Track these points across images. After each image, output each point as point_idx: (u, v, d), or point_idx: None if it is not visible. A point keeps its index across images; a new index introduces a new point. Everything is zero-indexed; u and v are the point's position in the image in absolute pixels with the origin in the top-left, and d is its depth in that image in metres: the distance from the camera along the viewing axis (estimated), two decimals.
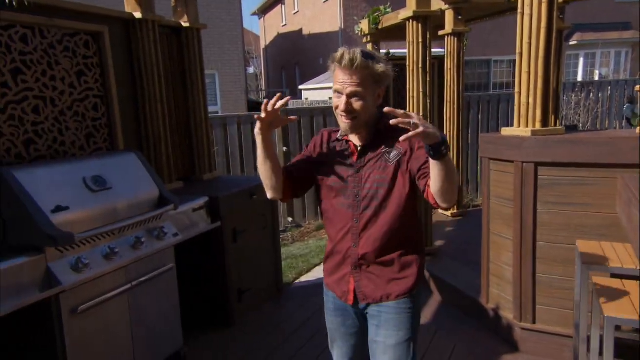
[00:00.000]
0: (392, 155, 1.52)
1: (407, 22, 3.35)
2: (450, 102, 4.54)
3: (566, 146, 2.27)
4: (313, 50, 17.70)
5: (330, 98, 14.28)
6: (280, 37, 21.93)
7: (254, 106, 14.79)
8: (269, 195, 1.63)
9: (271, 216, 3.37)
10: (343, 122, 1.49)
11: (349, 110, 1.46)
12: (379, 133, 1.55)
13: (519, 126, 2.42)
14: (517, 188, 2.41)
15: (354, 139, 1.58)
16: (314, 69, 16.82)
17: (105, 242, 2.03)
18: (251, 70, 24.12)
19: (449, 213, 4.73)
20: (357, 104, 1.46)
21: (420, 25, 3.29)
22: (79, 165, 2.14)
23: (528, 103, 2.36)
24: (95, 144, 2.59)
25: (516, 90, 2.41)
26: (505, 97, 7.16)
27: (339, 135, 1.60)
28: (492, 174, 2.59)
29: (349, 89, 1.45)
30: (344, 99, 1.46)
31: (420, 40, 3.29)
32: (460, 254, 3.64)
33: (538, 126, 2.35)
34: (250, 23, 54.88)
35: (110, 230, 2.04)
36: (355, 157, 1.56)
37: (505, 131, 2.52)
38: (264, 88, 23.59)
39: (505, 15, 4.40)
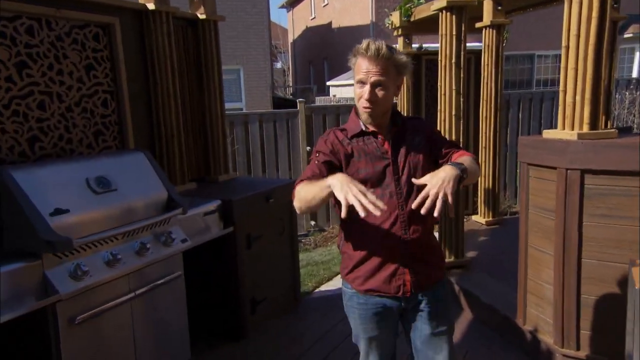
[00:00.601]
0: (417, 139, 1.66)
1: (441, 13, 3.20)
2: (487, 100, 4.35)
3: (618, 151, 2.10)
4: (342, 45, 17.59)
5: None
6: (308, 30, 21.93)
7: (280, 103, 14.81)
8: (301, 213, 1.68)
9: (289, 221, 3.29)
10: (364, 111, 1.59)
11: (373, 100, 1.56)
12: (400, 121, 1.68)
13: (564, 128, 2.25)
14: (559, 198, 2.25)
15: (377, 129, 1.64)
16: (343, 64, 16.65)
17: (107, 248, 1.99)
18: (279, 65, 24.23)
19: (483, 220, 4.54)
20: (380, 93, 1.55)
21: (454, 16, 3.14)
22: (83, 165, 2.11)
23: (574, 102, 2.19)
24: (104, 142, 2.57)
25: (561, 88, 2.25)
26: (549, 95, 6.88)
27: (362, 128, 1.63)
28: (532, 181, 2.43)
29: (374, 78, 1.54)
30: (367, 87, 1.55)
31: (454, 33, 3.14)
32: (494, 267, 3.46)
33: (585, 128, 2.18)
34: (278, 16, 55.27)
35: (113, 235, 2.00)
36: (387, 146, 1.63)
37: (548, 133, 2.35)
38: (291, 84, 23.67)
39: (550, 6, 4.18)
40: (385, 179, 1.60)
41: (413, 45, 5.59)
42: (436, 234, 4.33)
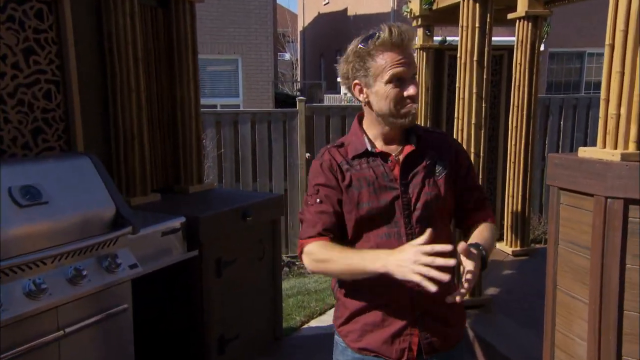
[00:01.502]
0: (438, 166, 1.53)
1: (462, 1, 3.07)
2: (518, 106, 4.20)
3: None
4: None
5: None
6: (321, 17, 21.95)
7: (284, 100, 14.75)
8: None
9: (271, 243, 3.16)
10: (410, 115, 1.46)
11: (417, 97, 1.45)
12: (416, 136, 1.53)
13: (604, 146, 2.09)
14: (597, 232, 2.09)
15: (386, 149, 1.52)
16: None
17: (31, 275, 1.86)
18: (287, 56, 24.26)
19: (509, 250, 4.37)
20: (418, 87, 1.46)
21: (478, 4, 3.01)
22: (8, 171, 1.99)
23: (619, 115, 2.03)
24: (45, 143, 2.46)
25: (602, 96, 2.09)
26: (598, 100, 6.70)
27: (368, 147, 1.51)
28: (563, 209, 2.27)
29: (414, 69, 1.45)
30: (410, 83, 1.43)
31: (477, 25, 3.01)
32: (519, 309, 3.30)
33: (632, 148, 2.02)
34: (288, 0, 55.63)
35: (38, 259, 1.87)
36: (397, 172, 1.50)
37: (585, 152, 2.19)
38: (299, 79, 23.67)
39: None
40: (395, 214, 1.47)
41: (435, 39, 5.47)
42: None
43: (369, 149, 1.50)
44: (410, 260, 1.26)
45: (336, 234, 1.50)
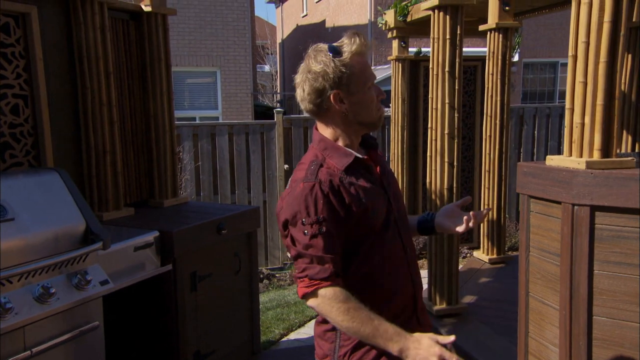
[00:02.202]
0: (388, 165, 1.62)
1: (432, 13, 3.12)
2: (491, 115, 4.26)
3: (637, 185, 1.97)
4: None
5: None
6: (299, 29, 22.05)
7: (263, 112, 14.74)
8: None
9: (247, 256, 3.13)
10: (381, 115, 1.51)
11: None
12: (364, 140, 1.58)
13: (570, 154, 2.13)
14: (565, 239, 2.12)
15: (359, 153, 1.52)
16: None
17: None
18: (266, 68, 24.27)
19: (486, 258, 4.40)
20: None
21: (448, 17, 3.06)
22: None
23: (583, 123, 2.07)
24: (13, 158, 2.43)
25: (567, 105, 2.13)
26: None
27: (356, 155, 1.47)
28: (533, 217, 2.30)
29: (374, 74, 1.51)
30: (377, 86, 1.49)
31: (447, 37, 3.05)
32: (495, 316, 3.32)
33: (596, 156, 2.06)
34: (266, 12, 55.66)
35: (3, 277, 1.83)
36: (378, 173, 1.54)
37: (552, 160, 2.23)
38: (279, 90, 23.69)
39: (567, 8, 4.12)
40: (390, 217, 1.49)
41: (410, 50, 5.53)
42: (424, 273, 4.18)
43: (359, 156, 1.46)
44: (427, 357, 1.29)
45: (341, 266, 1.42)
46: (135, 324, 2.74)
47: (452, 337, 1.32)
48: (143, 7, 3.06)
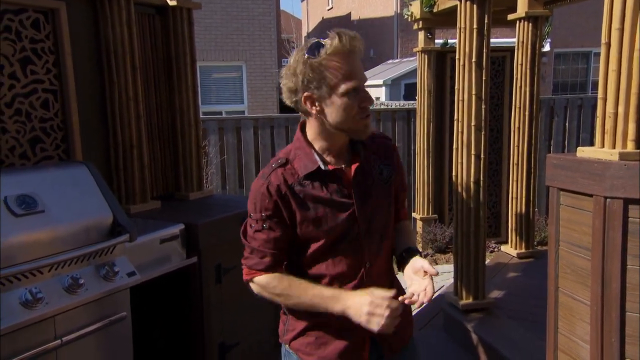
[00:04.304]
0: (385, 172, 1.52)
1: (459, 3, 3.06)
2: (520, 107, 4.17)
3: None
4: (362, 39, 17.52)
5: (378, 98, 14.01)
6: (324, 22, 21.99)
7: (288, 106, 14.72)
8: None
9: None
10: (365, 124, 1.42)
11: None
12: (361, 143, 1.50)
13: (603, 146, 2.07)
14: (597, 233, 2.06)
15: (336, 162, 1.47)
16: (362, 61, 16.63)
17: (27, 284, 1.86)
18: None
19: (514, 252, 4.33)
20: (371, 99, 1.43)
21: (476, 6, 3.00)
22: (4, 180, 1.99)
23: (616, 113, 2.01)
24: (44, 152, 2.48)
25: (600, 95, 2.07)
26: None
27: (320, 165, 1.43)
28: (563, 210, 2.25)
29: (364, 79, 1.41)
30: (365, 92, 1.40)
31: (475, 27, 2.99)
32: (523, 312, 3.26)
33: (630, 147, 1.99)
34: (292, 6, 55.75)
35: (34, 268, 1.87)
36: (350, 186, 1.46)
37: (584, 152, 2.17)
38: None
39: None
40: (350, 231, 1.45)
41: (436, 41, 5.46)
42: (450, 267, 4.12)
43: (322, 167, 1.43)
44: (365, 312, 1.33)
45: (285, 260, 1.50)
46: (161, 315, 2.78)
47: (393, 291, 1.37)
48: (168, 1, 3.08)
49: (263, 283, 1.49)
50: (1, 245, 1.81)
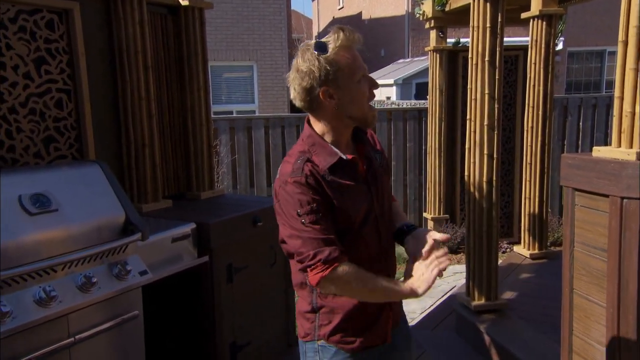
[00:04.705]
0: (379, 159, 1.64)
1: (473, 1, 3.04)
2: (533, 106, 4.13)
3: None
4: (373, 38, 17.53)
5: (389, 97, 13.94)
6: (335, 22, 21.97)
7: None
8: None
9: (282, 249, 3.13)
10: (373, 114, 1.55)
11: None
12: (356, 134, 1.61)
13: (619, 145, 2.04)
14: (613, 234, 2.03)
15: (349, 153, 1.55)
16: (373, 60, 16.63)
17: (40, 283, 1.87)
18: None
19: (527, 253, 4.29)
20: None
21: (489, 4, 2.97)
22: (19, 179, 2.01)
23: (633, 113, 1.98)
24: (57, 151, 2.50)
25: (617, 94, 2.04)
26: None
27: (342, 155, 1.51)
28: (578, 210, 2.22)
29: (365, 66, 1.52)
30: (370, 80, 1.52)
31: (488, 25, 2.97)
32: (536, 313, 3.23)
33: None
34: (302, 5, 55.81)
35: (48, 266, 1.88)
36: (362, 171, 1.57)
37: (599, 151, 2.14)
38: None
39: None
40: (371, 214, 1.55)
41: (448, 40, 5.43)
42: (462, 267, 4.09)
43: (343, 157, 1.51)
44: (427, 280, 1.44)
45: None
46: (173, 315, 2.79)
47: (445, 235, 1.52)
48: (180, 1, 3.09)
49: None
50: (16, 244, 1.82)
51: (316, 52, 1.44)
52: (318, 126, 1.55)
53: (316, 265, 1.43)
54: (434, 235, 1.51)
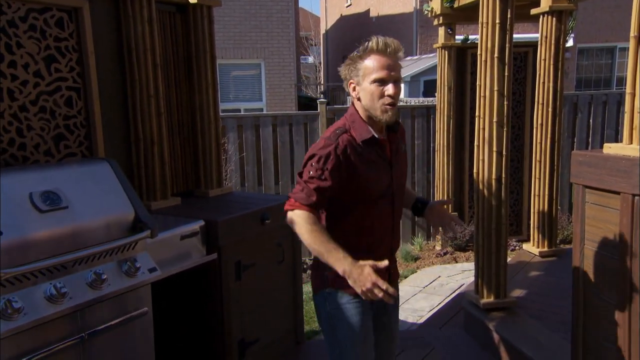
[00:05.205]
0: (403, 148, 2.00)
1: None
2: (543, 103, 4.10)
3: None
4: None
5: None
6: (343, 19, 21.94)
7: (306, 103, 14.76)
8: None
9: (290, 247, 3.15)
10: (389, 109, 1.80)
11: (397, 96, 1.80)
12: (397, 126, 1.96)
13: (630, 142, 2.02)
14: (625, 231, 2.01)
15: (380, 136, 1.88)
16: None
17: (51, 279, 1.89)
18: (310, 59, 24.28)
19: (536, 251, 4.26)
20: (399, 89, 1.81)
21: (498, 0, 2.94)
22: (29, 177, 2.03)
23: None
24: (67, 149, 2.52)
25: (628, 90, 2.02)
26: None
27: (374, 134, 1.84)
28: (588, 208, 2.20)
29: (395, 74, 1.79)
30: (391, 85, 1.77)
31: (497, 21, 2.94)
32: (546, 311, 3.21)
33: None
34: (310, 3, 55.78)
35: (58, 263, 1.90)
36: (388, 153, 1.90)
37: (610, 148, 2.12)
38: (322, 81, 23.65)
39: None
40: (389, 188, 1.90)
41: (457, 37, 5.40)
42: (470, 265, 4.07)
43: (376, 136, 1.85)
44: (360, 275, 1.65)
45: (323, 208, 1.86)
46: (182, 312, 2.80)
47: (385, 262, 1.69)
48: None
49: (304, 216, 1.75)
50: (26, 241, 1.84)
51: (355, 52, 1.81)
52: (358, 108, 1.88)
53: (289, 199, 1.80)
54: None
